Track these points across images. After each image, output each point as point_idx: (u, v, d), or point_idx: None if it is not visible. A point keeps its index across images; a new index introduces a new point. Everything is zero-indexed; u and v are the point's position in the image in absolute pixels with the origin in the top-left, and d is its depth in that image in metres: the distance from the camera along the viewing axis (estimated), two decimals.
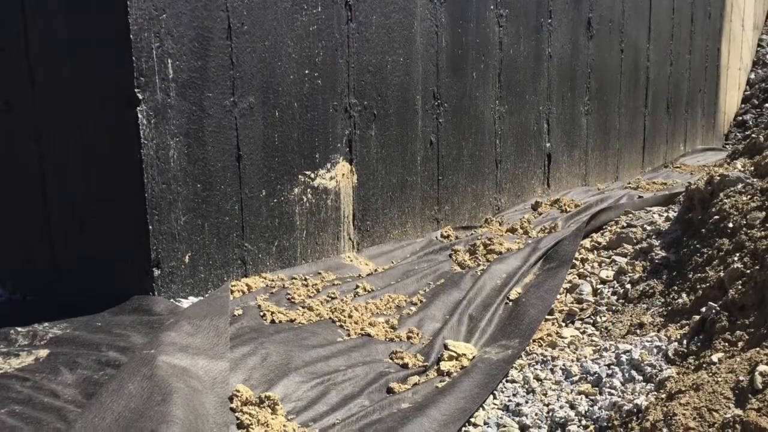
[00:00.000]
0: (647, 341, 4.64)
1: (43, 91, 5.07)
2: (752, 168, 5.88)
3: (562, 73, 9.35)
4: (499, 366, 4.68)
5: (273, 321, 4.89)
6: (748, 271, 4.45)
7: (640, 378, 4.30)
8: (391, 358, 4.77)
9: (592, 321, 5.33)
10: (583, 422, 4.03)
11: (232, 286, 5.20)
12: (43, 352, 4.20)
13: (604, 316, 5.32)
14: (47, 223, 5.18)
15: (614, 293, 5.61)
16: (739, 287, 4.40)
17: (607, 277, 5.90)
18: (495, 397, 4.45)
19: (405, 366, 4.69)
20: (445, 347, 4.90)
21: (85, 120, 4.90)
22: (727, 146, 14.49)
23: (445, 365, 4.69)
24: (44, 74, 5.05)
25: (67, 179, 5.05)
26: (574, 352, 4.88)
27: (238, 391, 3.94)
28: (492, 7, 7.82)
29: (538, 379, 4.62)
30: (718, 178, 5.76)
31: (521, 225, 7.48)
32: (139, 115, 4.64)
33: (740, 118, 15.95)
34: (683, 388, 3.77)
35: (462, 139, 7.56)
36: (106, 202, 4.92)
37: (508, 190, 8.45)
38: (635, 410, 3.90)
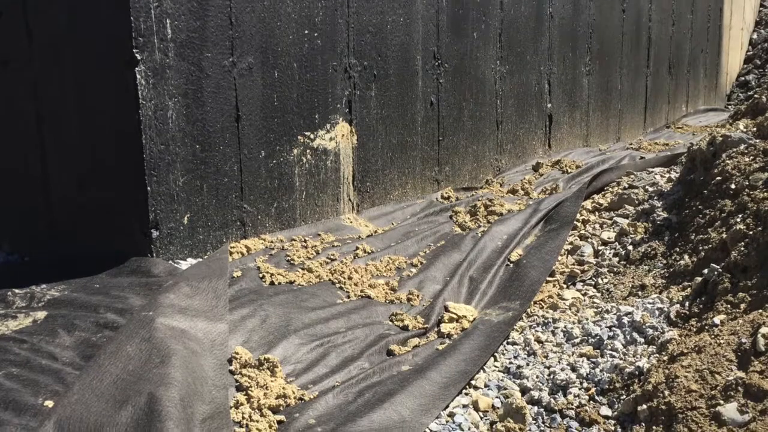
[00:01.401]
0: (649, 303, 4.62)
1: (41, 52, 5.02)
2: (755, 129, 5.83)
3: (564, 33, 9.29)
4: (499, 328, 4.66)
5: (272, 283, 4.87)
6: (751, 233, 4.42)
7: (642, 340, 4.28)
8: (392, 320, 4.75)
9: (593, 283, 5.30)
10: (585, 385, 4.01)
11: (231, 247, 5.18)
12: (41, 314, 4.18)
13: (606, 277, 5.30)
14: (45, 184, 5.16)
15: (616, 255, 5.58)
16: (742, 249, 4.37)
17: (608, 238, 5.87)
18: (496, 360, 4.43)
19: (405, 328, 4.67)
20: (446, 309, 4.88)
21: (84, 81, 4.86)
22: (730, 107, 14.45)
23: (445, 327, 4.66)
24: (42, 35, 5.00)
25: (66, 140, 5.02)
26: (576, 314, 4.86)
27: (237, 354, 3.92)
28: None
29: (539, 341, 4.59)
30: (721, 138, 5.71)
31: (522, 186, 7.44)
32: (138, 76, 4.60)
33: (743, 78, 15.89)
34: (685, 351, 3.74)
35: (462, 99, 7.51)
36: (104, 163, 4.89)
37: (509, 151, 8.41)
38: (637, 372, 3.88)
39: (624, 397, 3.79)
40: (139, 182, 4.74)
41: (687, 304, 4.42)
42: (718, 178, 5.35)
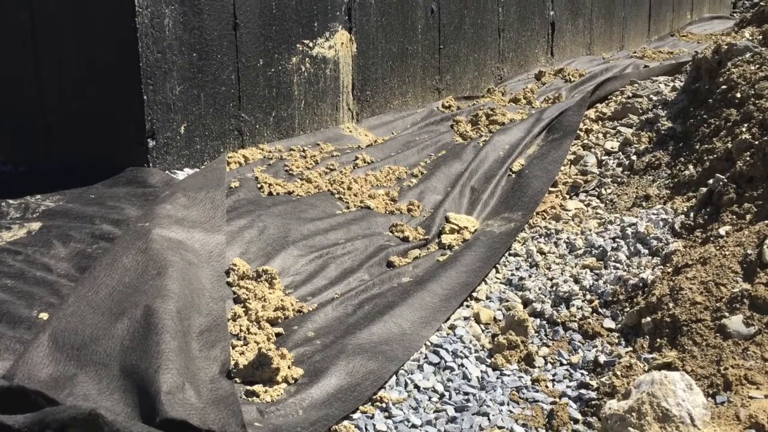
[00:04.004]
0: (653, 214, 4.57)
1: None
2: (760, 37, 5.75)
3: None
4: (501, 239, 4.62)
5: (270, 193, 4.81)
6: (757, 142, 4.36)
7: (646, 252, 4.23)
8: (392, 231, 4.70)
9: (596, 193, 5.25)
10: (588, 297, 3.97)
11: (228, 157, 5.12)
12: (36, 225, 4.13)
13: (609, 188, 5.24)
14: (40, 93, 5.08)
15: (619, 165, 5.51)
16: (747, 158, 4.31)
17: (612, 148, 5.81)
18: (498, 271, 4.39)
19: (405, 239, 4.63)
20: (447, 220, 4.83)
21: None
22: (735, 14, 14.29)
23: (446, 238, 4.62)
24: None
25: (61, 50, 4.92)
26: (579, 225, 4.81)
27: (235, 265, 3.88)
28: None
29: (541, 252, 4.55)
30: (726, 47, 5.62)
31: (524, 95, 7.36)
32: None
33: None
34: (690, 262, 3.70)
35: (464, 6, 7.39)
36: (99, 73, 4.81)
37: (511, 60, 8.31)
38: (641, 284, 3.84)
39: (628, 309, 3.76)
40: (135, 91, 4.67)
41: (692, 214, 4.36)
42: (724, 86, 5.27)
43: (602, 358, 3.47)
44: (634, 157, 5.46)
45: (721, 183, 4.32)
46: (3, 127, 5.33)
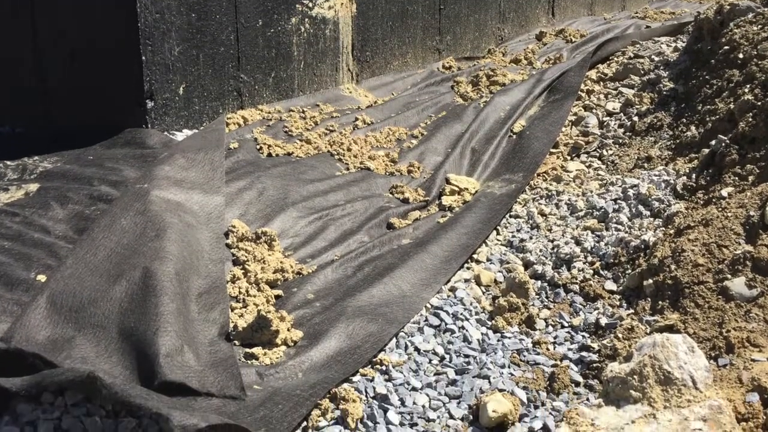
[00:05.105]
0: (655, 175, 4.54)
1: None
2: None
3: None
4: (502, 200, 4.59)
5: (270, 154, 4.79)
6: (759, 103, 4.33)
7: (648, 213, 4.21)
8: (392, 193, 4.68)
9: (598, 154, 5.22)
10: (589, 258, 3.95)
11: (227, 118, 5.09)
12: (33, 187, 4.10)
13: (611, 149, 5.21)
14: (37, 54, 5.04)
15: (621, 126, 5.48)
16: (750, 119, 4.27)
17: (613, 109, 5.77)
18: (498, 233, 4.37)
19: (406, 200, 4.61)
20: (447, 181, 4.81)
21: None
22: None
23: (446, 200, 4.60)
24: None
25: (58, 10, 4.88)
26: (580, 187, 4.78)
27: (234, 227, 3.86)
28: None
29: (542, 214, 4.53)
30: (728, 7, 5.59)
31: (525, 56, 7.32)
32: None
33: None
34: (692, 224, 3.68)
35: None
36: (97, 33, 4.77)
37: (512, 20, 8.25)
38: (643, 246, 3.82)
39: (629, 271, 3.74)
40: (134, 52, 4.63)
41: (694, 176, 4.34)
42: (726, 47, 5.23)
43: (603, 321, 3.46)
44: (635, 118, 5.43)
45: (723, 144, 4.29)
46: (0, 89, 5.30)
